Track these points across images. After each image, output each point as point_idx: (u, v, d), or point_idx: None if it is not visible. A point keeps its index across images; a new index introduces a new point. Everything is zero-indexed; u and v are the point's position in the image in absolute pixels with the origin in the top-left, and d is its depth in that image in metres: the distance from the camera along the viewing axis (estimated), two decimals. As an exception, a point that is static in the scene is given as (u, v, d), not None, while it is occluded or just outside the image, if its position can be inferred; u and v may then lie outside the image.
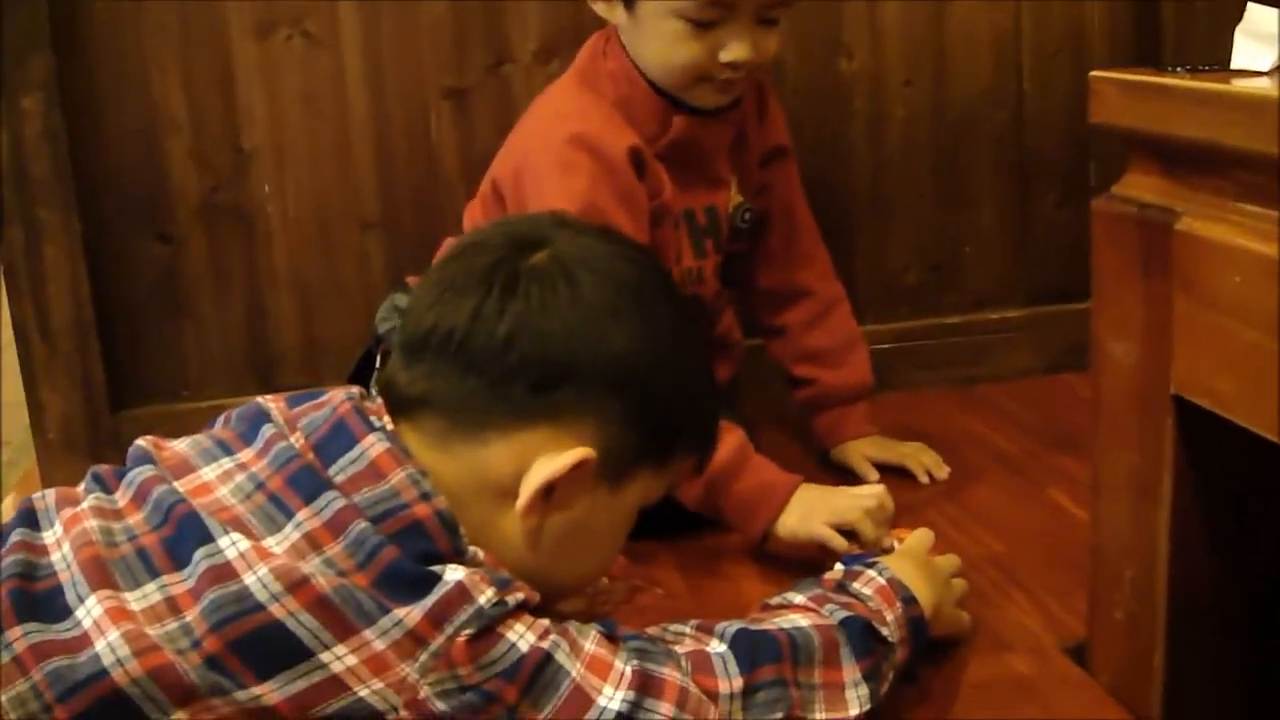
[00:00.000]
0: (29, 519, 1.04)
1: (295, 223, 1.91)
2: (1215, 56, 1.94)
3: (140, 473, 1.04)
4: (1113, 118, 1.09)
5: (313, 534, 0.97)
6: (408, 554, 0.97)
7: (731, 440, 1.48)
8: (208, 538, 0.96)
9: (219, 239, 1.91)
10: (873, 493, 1.49)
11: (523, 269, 1.06)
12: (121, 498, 1.04)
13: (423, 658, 0.95)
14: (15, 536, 1.01)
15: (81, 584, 0.96)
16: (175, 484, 1.02)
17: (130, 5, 1.83)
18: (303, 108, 1.89)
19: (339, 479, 1.01)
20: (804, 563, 1.45)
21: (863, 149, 2.04)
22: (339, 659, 0.93)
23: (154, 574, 0.97)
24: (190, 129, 1.87)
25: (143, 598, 0.95)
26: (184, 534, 0.97)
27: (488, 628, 0.96)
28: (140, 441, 1.10)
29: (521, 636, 0.98)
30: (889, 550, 1.40)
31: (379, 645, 0.94)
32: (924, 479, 1.72)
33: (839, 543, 1.43)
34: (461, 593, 0.96)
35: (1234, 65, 1.04)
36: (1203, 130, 0.98)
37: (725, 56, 1.53)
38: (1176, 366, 1.05)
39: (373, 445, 1.02)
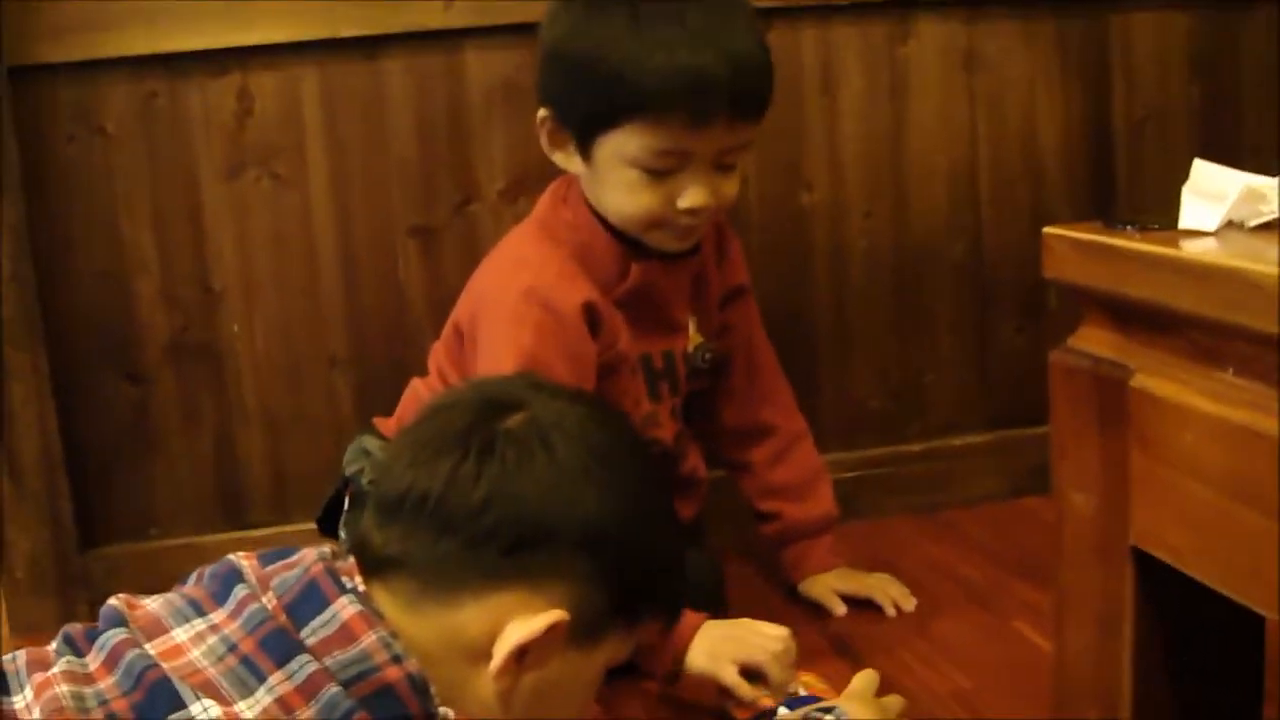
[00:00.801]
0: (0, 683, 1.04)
1: (264, 360, 1.93)
2: (1166, 178, 2.01)
3: (112, 635, 1.04)
4: (1066, 274, 1.12)
5: (284, 698, 0.97)
6: (379, 718, 0.97)
7: None
8: (179, 704, 0.96)
9: (188, 378, 1.92)
10: (779, 635, 1.46)
11: (499, 432, 1.08)
12: (93, 661, 1.03)
13: None
14: None
15: None
16: (147, 646, 1.02)
17: (100, 147, 1.86)
18: (272, 247, 1.91)
19: (310, 641, 1.01)
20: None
21: (824, 279, 2.07)
22: None
23: None
24: (159, 269, 1.89)
25: None
26: (155, 700, 0.97)
27: None
28: (113, 601, 1.10)
29: None
30: (794, 695, 1.41)
31: None
32: (891, 611, 1.73)
33: (745, 691, 1.42)
34: None
35: (1182, 224, 1.06)
36: (1154, 292, 1.00)
37: (683, 204, 1.54)
38: (1135, 518, 1.06)
39: (344, 608, 1.02)
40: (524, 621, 1.05)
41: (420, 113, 1.91)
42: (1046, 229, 1.13)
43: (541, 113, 1.59)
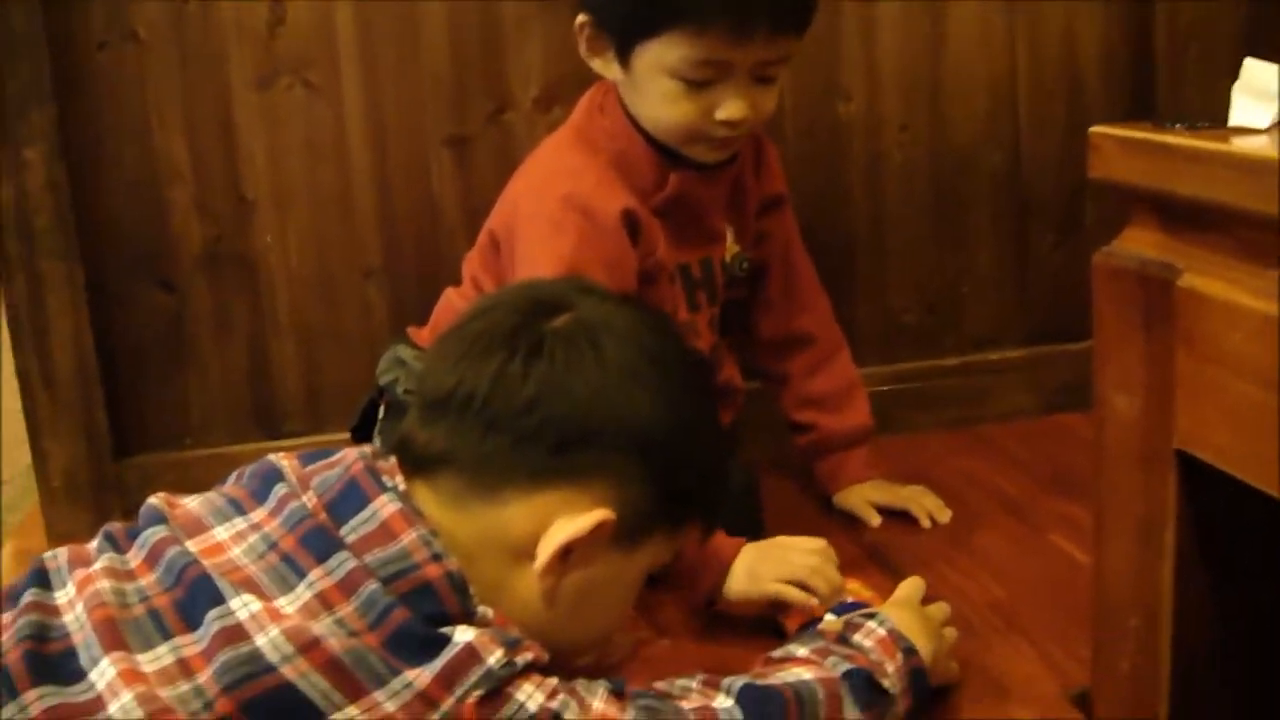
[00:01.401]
0: (41, 578, 1.04)
1: (297, 271, 1.92)
2: (1207, 91, 1.97)
3: (153, 533, 1.05)
4: (1112, 173, 1.10)
5: (324, 594, 0.98)
6: (418, 615, 0.98)
7: None
8: (219, 599, 0.97)
9: (221, 288, 1.92)
10: (816, 548, 1.45)
11: (547, 331, 1.08)
12: (134, 558, 1.04)
13: (434, 719, 0.95)
14: (28, 597, 1.01)
15: (95, 646, 0.96)
16: (188, 544, 1.03)
17: (132, 56, 1.84)
18: (304, 157, 1.90)
19: (350, 539, 1.01)
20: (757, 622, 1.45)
21: (860, 192, 2.05)
22: None
23: (166, 635, 0.97)
24: (193, 178, 1.88)
25: (155, 659, 0.96)
26: (196, 595, 0.98)
27: (497, 689, 0.97)
28: (153, 500, 1.10)
29: (530, 697, 0.98)
30: (842, 602, 1.40)
31: (390, 707, 0.94)
32: (926, 523, 1.72)
33: (794, 595, 1.41)
34: (471, 654, 0.96)
35: (1232, 122, 1.05)
36: (1202, 189, 0.99)
37: (721, 115, 1.52)
38: (1179, 421, 1.05)
39: (384, 505, 1.03)
40: (570, 520, 1.05)
41: (453, 21, 1.89)
42: (1094, 128, 1.12)
43: (581, 18, 1.57)
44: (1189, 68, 2.07)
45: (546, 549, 1.06)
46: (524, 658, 0.99)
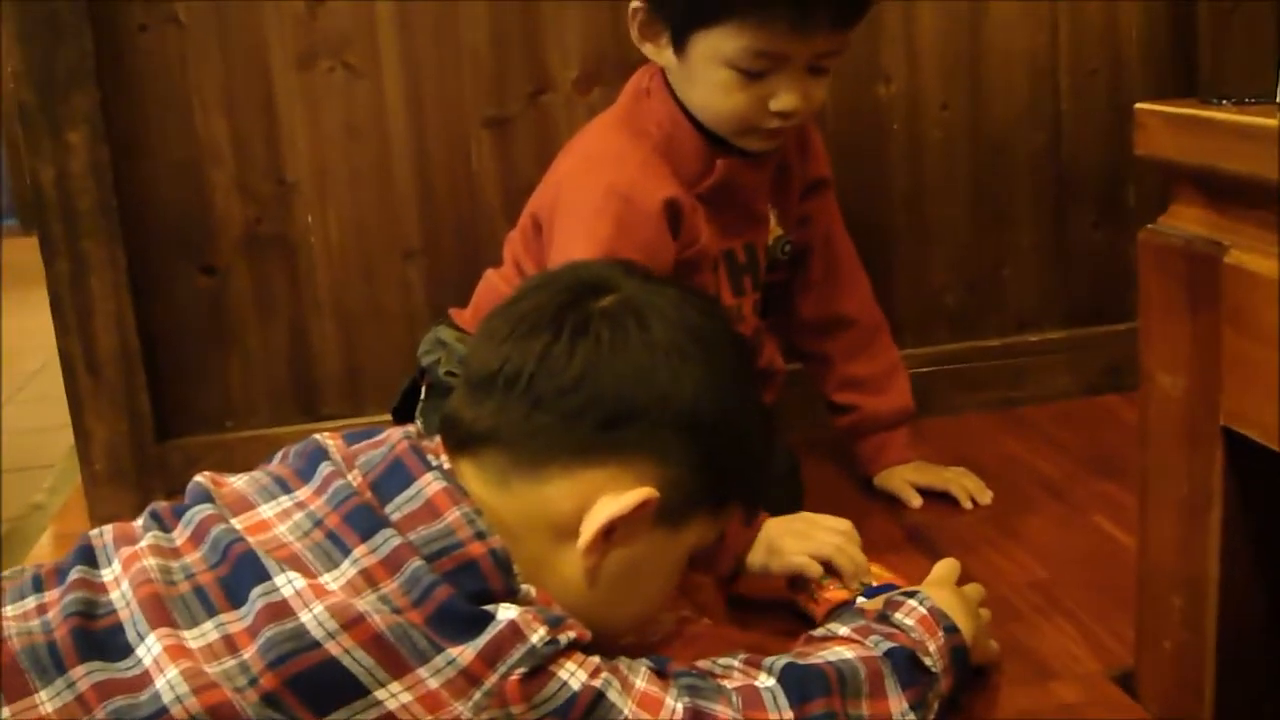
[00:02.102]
0: (87, 556, 1.05)
1: (338, 252, 1.93)
2: (1250, 72, 1.96)
3: (199, 511, 1.05)
4: (1157, 150, 1.09)
5: (369, 571, 0.98)
6: (462, 592, 0.98)
7: None
8: (264, 576, 0.98)
9: (262, 269, 1.92)
10: (841, 526, 1.44)
11: (594, 310, 1.09)
12: (179, 536, 1.05)
13: (476, 696, 0.96)
14: (74, 574, 1.02)
15: (141, 622, 0.97)
16: (233, 521, 1.04)
17: (173, 38, 1.85)
18: (344, 138, 1.90)
19: (395, 517, 1.02)
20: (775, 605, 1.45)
21: (901, 172, 2.04)
22: (394, 696, 0.94)
23: (211, 612, 0.98)
24: (233, 160, 1.89)
25: (200, 636, 0.97)
26: (241, 572, 0.99)
27: (540, 666, 0.97)
28: (199, 478, 1.11)
29: (573, 675, 0.99)
30: (867, 584, 1.39)
31: (433, 684, 0.95)
32: (967, 504, 1.72)
33: (814, 568, 1.40)
34: (514, 632, 0.97)
35: (1279, 98, 1.04)
36: (1249, 165, 0.98)
37: (775, 106, 1.51)
38: (1225, 398, 1.05)
39: (429, 484, 1.04)
40: (614, 498, 1.06)
41: (493, 2, 1.89)
42: (1139, 105, 1.11)
43: (635, 3, 1.56)
44: (1232, 43, 2.05)
45: (590, 526, 1.06)
46: (567, 636, 1.00)
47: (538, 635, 0.98)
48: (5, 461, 2.49)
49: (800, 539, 1.43)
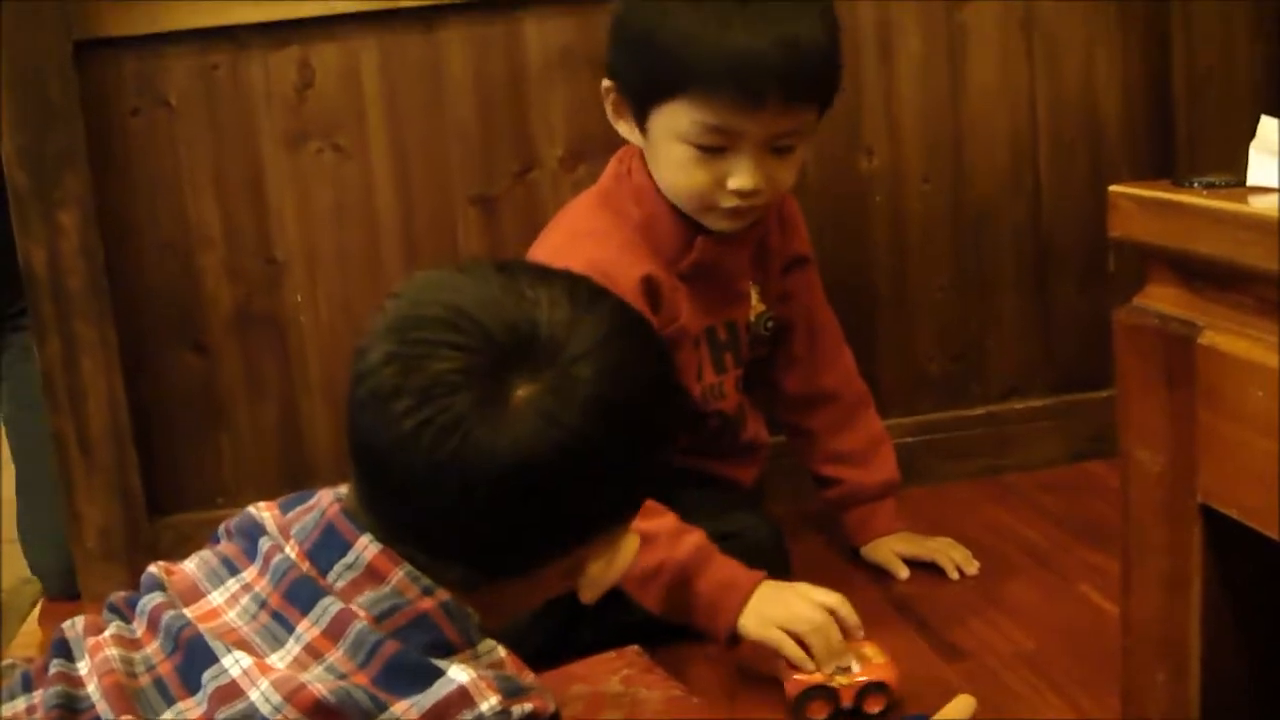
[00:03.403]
0: (64, 649, 1.06)
1: (327, 331, 1.94)
2: (1226, 143, 1.98)
3: (150, 599, 1.06)
4: (1132, 232, 1.11)
5: (312, 644, 0.98)
6: (414, 646, 0.97)
7: (691, 540, 1.49)
8: (213, 659, 0.98)
9: (253, 348, 1.94)
10: (825, 602, 1.43)
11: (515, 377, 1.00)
12: (138, 626, 1.05)
13: None
14: (54, 667, 1.03)
15: (108, 712, 0.98)
16: (185, 610, 1.04)
17: (164, 121, 1.87)
18: (333, 218, 1.92)
19: (339, 585, 1.01)
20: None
21: (884, 243, 2.06)
22: None
23: (170, 702, 0.99)
24: (223, 241, 1.91)
25: None
26: (192, 658, 0.99)
27: None
28: (151, 568, 1.11)
29: None
30: (846, 669, 1.39)
31: None
32: (954, 575, 1.73)
33: (790, 650, 1.40)
34: (463, 695, 0.95)
35: (1250, 181, 1.06)
36: (1221, 248, 1.00)
37: (732, 184, 1.52)
38: (1203, 476, 1.06)
39: (366, 548, 1.01)
40: (607, 561, 1.10)
41: (479, 82, 1.92)
42: (1113, 187, 1.13)
43: (606, 83, 1.59)
44: (1208, 114, 2.09)
45: (602, 587, 1.11)
46: (522, 709, 0.97)
47: (488, 704, 0.95)
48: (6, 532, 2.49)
49: (782, 610, 1.43)
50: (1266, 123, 1.08)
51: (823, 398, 1.80)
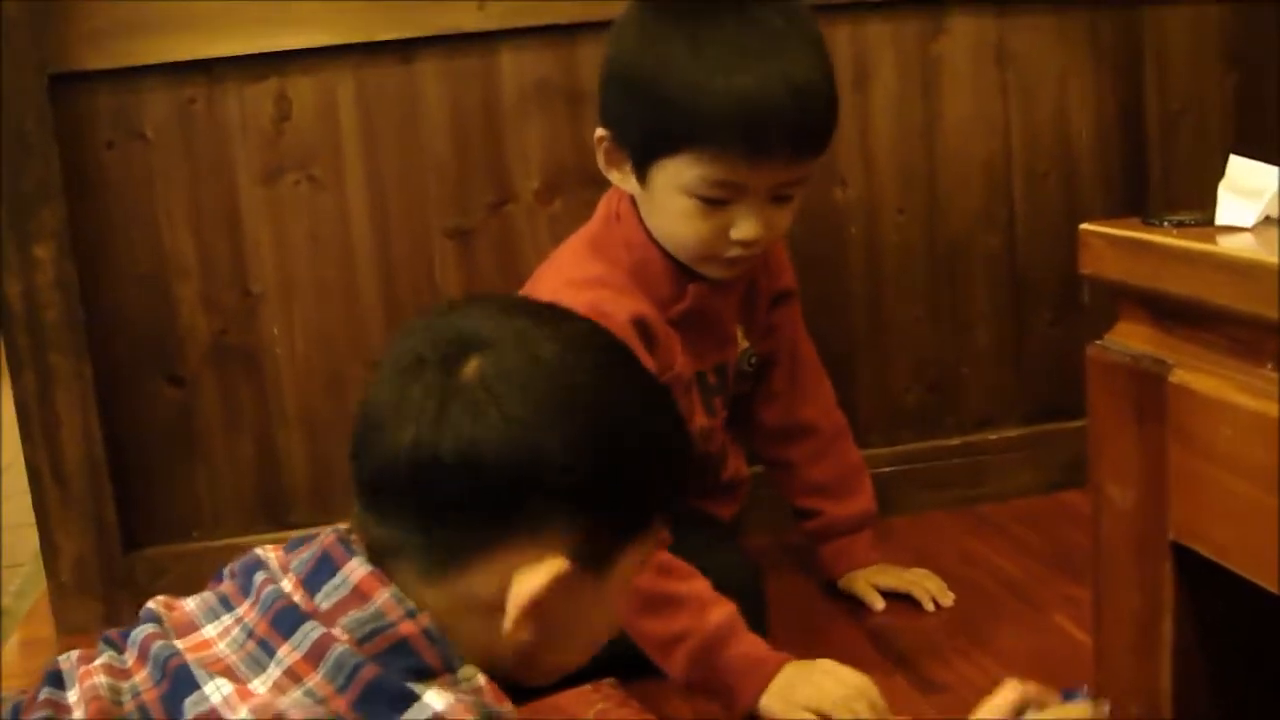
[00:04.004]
0: (56, 680, 1.06)
1: (304, 362, 1.94)
2: (1199, 174, 2.00)
3: (142, 630, 1.06)
4: (1102, 270, 1.12)
5: (293, 668, 0.98)
6: (393, 670, 0.97)
7: (720, 612, 1.46)
8: (195, 687, 0.98)
9: (229, 380, 1.94)
10: (853, 684, 1.42)
11: (454, 388, 1.03)
12: (129, 657, 1.06)
13: None
14: (43, 695, 1.04)
15: None
16: (176, 642, 1.04)
17: (139, 153, 1.87)
18: (310, 250, 1.92)
19: (324, 606, 1.01)
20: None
21: (859, 275, 2.07)
22: None
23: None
24: (199, 273, 1.91)
25: None
26: (177, 687, 0.99)
27: None
28: (151, 603, 1.11)
29: None
30: None
31: None
32: (929, 606, 1.73)
33: None
34: None
35: (1219, 221, 1.07)
36: (1191, 288, 1.01)
37: (736, 235, 1.52)
38: (1174, 513, 1.07)
39: (354, 570, 1.02)
40: (529, 572, 1.04)
41: (455, 114, 1.92)
42: (1083, 226, 1.14)
43: (600, 132, 1.57)
44: (1181, 143, 2.11)
45: (513, 609, 1.04)
46: None
47: None
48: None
49: (810, 690, 1.41)
50: (1235, 162, 1.09)
51: (802, 430, 1.80)
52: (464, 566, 1.05)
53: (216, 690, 0.97)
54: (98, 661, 1.05)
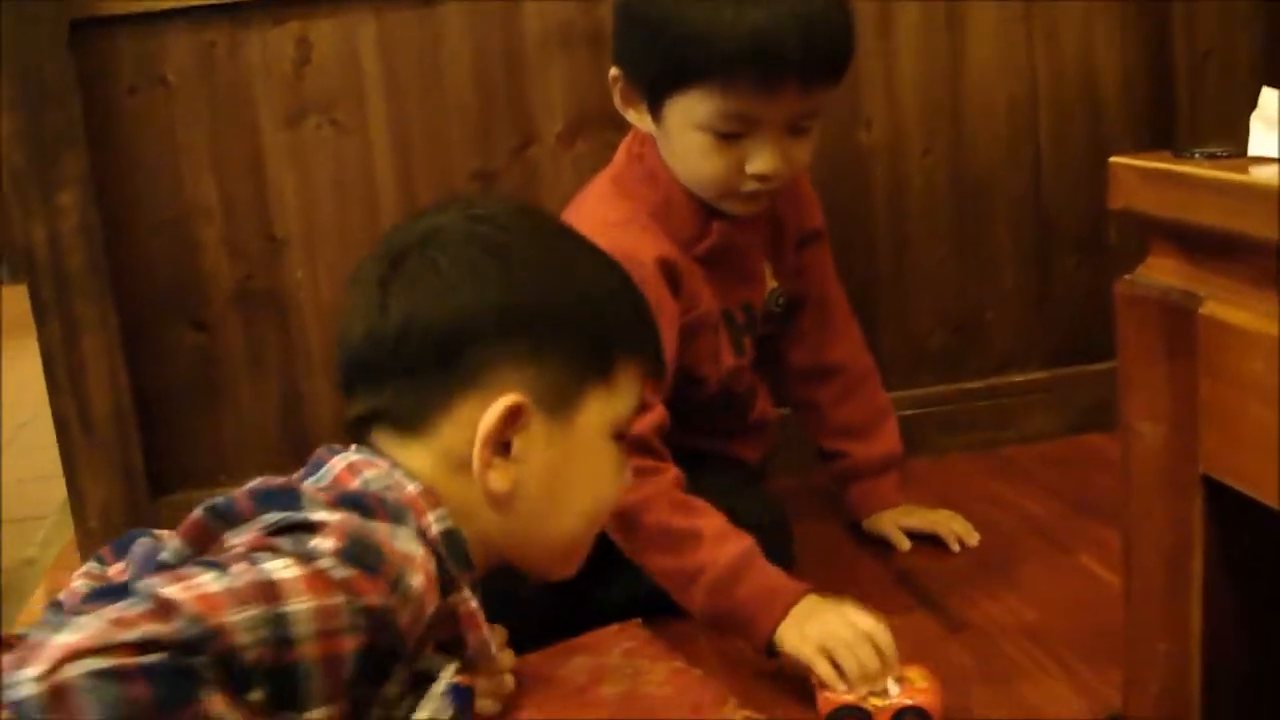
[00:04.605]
0: (56, 606, 1.07)
1: (328, 306, 1.95)
2: (1226, 113, 1.98)
3: (135, 539, 1.08)
4: (1132, 203, 1.11)
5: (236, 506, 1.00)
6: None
7: (737, 545, 1.45)
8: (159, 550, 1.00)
9: (253, 325, 1.94)
10: (868, 626, 1.37)
11: (388, 268, 1.11)
12: (113, 568, 1.07)
13: None
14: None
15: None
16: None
17: (161, 99, 1.87)
18: (333, 194, 1.92)
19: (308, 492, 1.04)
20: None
21: (883, 217, 2.07)
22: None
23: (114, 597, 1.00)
24: (223, 218, 1.91)
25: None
26: (149, 564, 1.00)
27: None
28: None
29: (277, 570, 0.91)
30: (883, 692, 1.33)
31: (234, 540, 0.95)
32: (955, 547, 1.73)
33: (823, 669, 1.35)
34: (306, 529, 0.94)
35: (1251, 151, 1.06)
36: (1223, 219, 1.00)
37: (751, 169, 1.52)
38: (1204, 447, 1.06)
39: (337, 464, 1.08)
40: (487, 413, 1.08)
41: (477, 57, 1.92)
42: (1113, 159, 1.12)
43: (613, 71, 1.58)
44: (1208, 84, 2.09)
45: (477, 450, 1.08)
46: (336, 565, 0.92)
47: (316, 543, 0.93)
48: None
49: (819, 628, 1.38)
50: (1268, 94, 1.08)
51: (830, 371, 1.80)
52: (432, 424, 1.09)
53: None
54: (80, 571, 1.08)
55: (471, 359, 1.08)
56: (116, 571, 1.06)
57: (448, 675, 1.06)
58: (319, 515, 0.95)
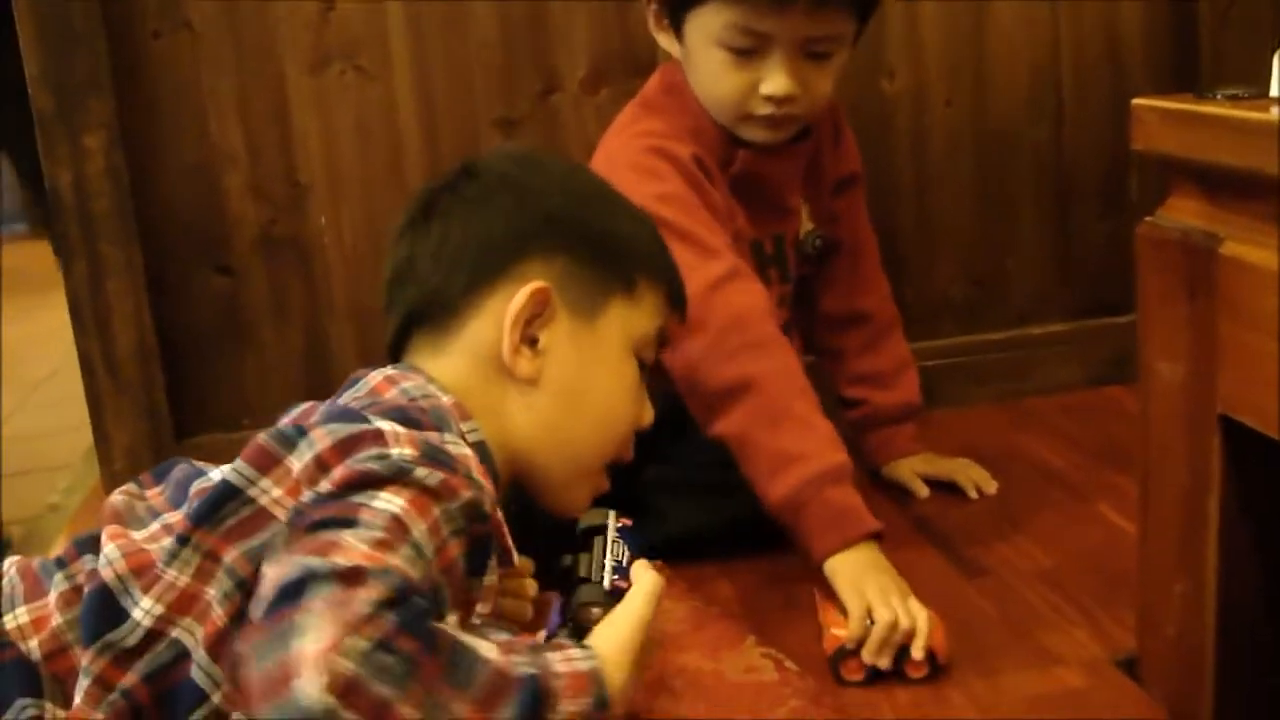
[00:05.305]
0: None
1: (351, 252, 1.96)
2: (1249, 62, 1.97)
3: (174, 466, 1.11)
4: (1155, 144, 1.12)
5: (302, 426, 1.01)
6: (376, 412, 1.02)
7: (843, 455, 1.43)
8: (201, 475, 1.06)
9: (277, 270, 1.95)
10: (918, 626, 1.30)
11: (437, 192, 1.23)
12: (152, 489, 1.10)
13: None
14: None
15: (102, 536, 1.02)
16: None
17: (187, 43, 1.88)
18: (357, 140, 1.93)
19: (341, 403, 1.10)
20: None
21: (905, 167, 2.07)
22: (265, 492, 0.97)
23: (156, 516, 1.05)
24: (247, 163, 1.92)
25: (144, 531, 1.03)
26: (183, 486, 1.06)
27: (384, 476, 0.92)
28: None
29: (390, 502, 0.90)
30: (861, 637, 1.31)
31: (295, 467, 0.96)
32: (973, 494, 1.73)
33: (855, 624, 1.30)
34: (377, 436, 0.96)
35: (1274, 92, 1.06)
36: (1244, 159, 1.00)
37: (765, 89, 1.53)
38: (1223, 386, 1.07)
39: (373, 378, 1.13)
40: (515, 297, 1.16)
41: (501, 4, 1.92)
42: (1136, 100, 1.13)
43: None
44: (1232, 38, 2.08)
45: (506, 331, 1.15)
46: (432, 474, 0.93)
47: (400, 452, 0.94)
48: (18, 464, 2.51)
49: (874, 588, 1.33)
50: (1291, 34, 1.08)
51: (858, 318, 1.80)
52: (464, 319, 1.17)
53: (218, 470, 1.03)
54: (119, 490, 1.11)
55: (502, 255, 1.17)
56: (154, 494, 1.09)
57: (613, 521, 1.17)
58: (379, 424, 0.97)
